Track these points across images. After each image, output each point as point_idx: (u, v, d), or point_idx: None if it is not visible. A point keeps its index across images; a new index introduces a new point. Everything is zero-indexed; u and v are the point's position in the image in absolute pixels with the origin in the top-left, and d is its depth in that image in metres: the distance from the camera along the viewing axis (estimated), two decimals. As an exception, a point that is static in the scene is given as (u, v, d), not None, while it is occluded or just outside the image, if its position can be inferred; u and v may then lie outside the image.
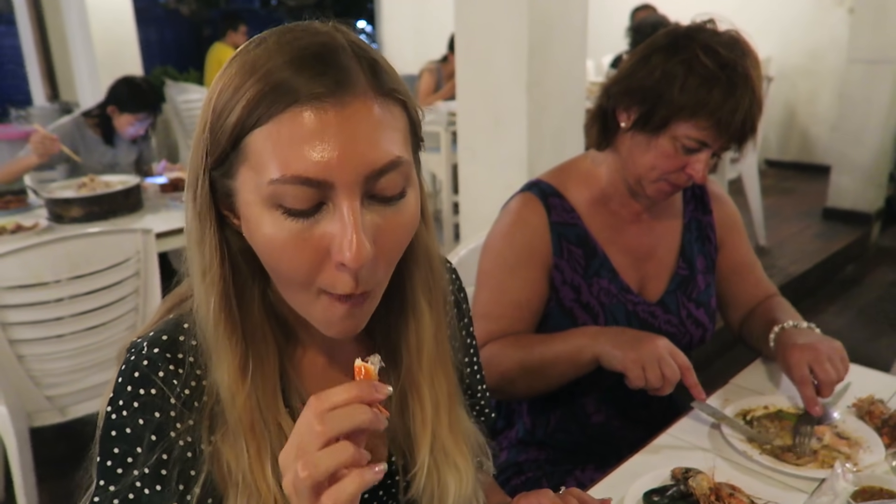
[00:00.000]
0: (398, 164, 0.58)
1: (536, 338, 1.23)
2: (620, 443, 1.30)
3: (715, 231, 1.35)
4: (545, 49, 2.08)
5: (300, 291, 0.61)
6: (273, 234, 0.57)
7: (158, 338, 0.66)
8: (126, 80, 2.93)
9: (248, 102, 0.56)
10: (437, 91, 4.52)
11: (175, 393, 0.64)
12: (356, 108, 0.56)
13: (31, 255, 1.74)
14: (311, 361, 0.73)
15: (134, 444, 0.64)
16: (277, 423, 0.65)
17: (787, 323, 1.22)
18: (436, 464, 0.72)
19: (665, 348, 1.06)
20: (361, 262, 0.56)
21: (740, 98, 1.09)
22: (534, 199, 1.26)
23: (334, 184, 0.55)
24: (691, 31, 1.15)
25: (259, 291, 0.66)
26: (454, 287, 0.87)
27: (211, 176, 0.61)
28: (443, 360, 0.73)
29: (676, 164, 1.16)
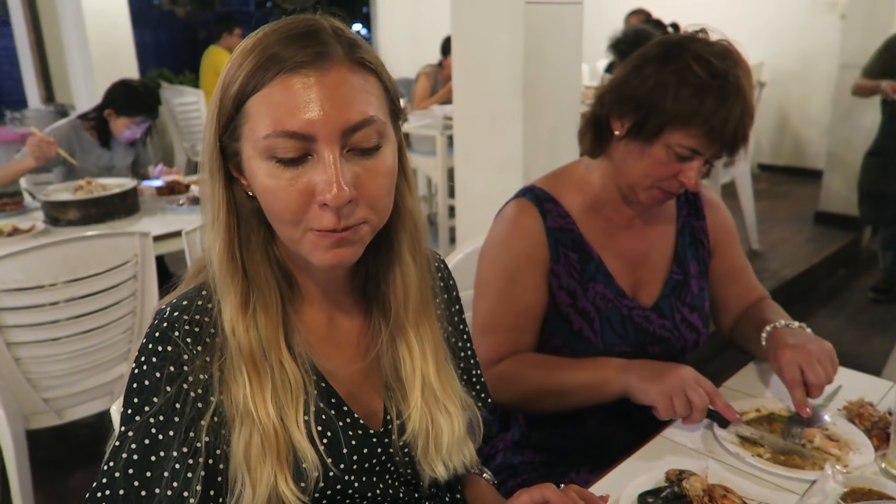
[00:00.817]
0: (372, 121, 0.69)
1: (558, 362, 1.24)
2: (615, 446, 1.30)
3: (708, 236, 1.37)
4: (541, 53, 2.10)
5: (291, 229, 0.70)
6: (268, 182, 0.68)
7: (179, 303, 0.76)
8: (123, 83, 2.92)
9: (247, 73, 0.68)
10: (434, 95, 4.53)
11: (189, 349, 0.73)
12: (334, 75, 0.67)
13: (28, 258, 1.74)
14: (314, 312, 0.82)
15: (151, 394, 0.72)
16: (279, 361, 0.74)
17: (779, 322, 1.23)
18: (427, 406, 0.82)
19: (690, 376, 1.08)
20: (341, 201, 0.66)
21: (732, 107, 1.11)
22: (529, 205, 1.28)
23: (316, 137, 0.66)
24: (683, 41, 1.16)
25: (262, 242, 0.76)
26: (443, 275, 0.96)
27: (221, 141, 0.72)
28: (427, 310, 0.84)
29: (669, 171, 1.17)
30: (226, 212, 0.73)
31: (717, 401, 1.08)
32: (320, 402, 0.78)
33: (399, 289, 0.81)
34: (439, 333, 0.86)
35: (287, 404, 0.73)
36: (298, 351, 0.76)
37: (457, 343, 0.95)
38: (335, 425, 0.79)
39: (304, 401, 0.75)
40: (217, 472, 0.73)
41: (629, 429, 1.31)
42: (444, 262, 0.99)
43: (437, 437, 0.83)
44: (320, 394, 0.78)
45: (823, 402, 1.17)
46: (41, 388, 1.88)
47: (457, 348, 0.95)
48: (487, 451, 1.39)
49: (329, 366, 0.81)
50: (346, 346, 0.84)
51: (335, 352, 0.83)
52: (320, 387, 0.79)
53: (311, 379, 0.77)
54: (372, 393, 0.84)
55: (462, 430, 0.85)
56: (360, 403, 0.83)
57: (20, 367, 1.82)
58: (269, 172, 0.68)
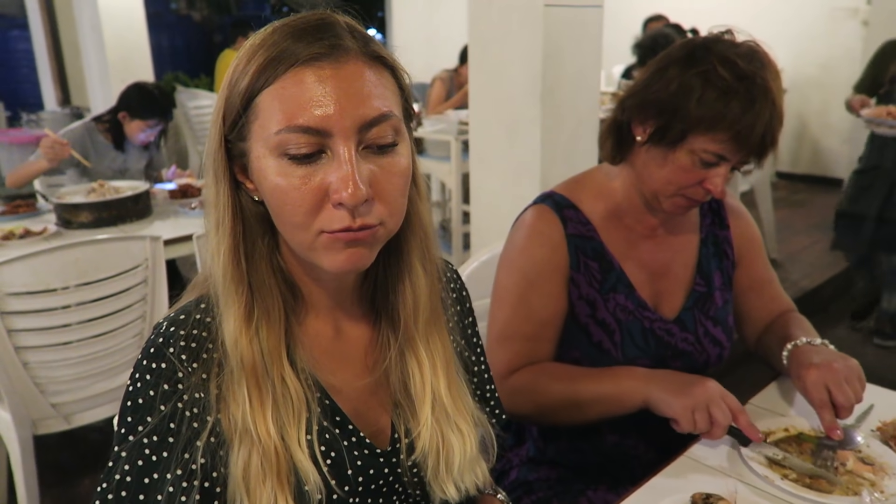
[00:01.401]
0: (388, 117, 0.66)
1: (578, 371, 1.20)
2: (634, 463, 1.27)
3: (732, 246, 1.32)
4: (560, 57, 2.06)
5: (302, 232, 0.66)
6: (279, 181, 0.65)
7: (177, 317, 0.72)
8: (138, 85, 2.92)
9: (257, 69, 0.65)
10: (448, 100, 4.50)
11: (185, 366, 0.69)
12: (350, 69, 0.65)
13: (38, 262, 1.72)
14: (319, 325, 0.78)
15: (145, 413, 0.68)
16: (281, 377, 0.70)
17: (801, 339, 1.19)
18: (437, 423, 0.78)
19: (716, 391, 1.04)
20: (357, 200, 0.63)
21: (759, 110, 1.06)
22: (549, 211, 1.24)
23: (332, 132, 0.63)
24: (708, 43, 1.12)
25: (267, 251, 0.72)
26: (456, 286, 0.92)
27: (227, 143, 0.68)
28: (437, 322, 0.79)
29: (694, 178, 1.13)
30: (231, 216, 0.69)
31: (741, 419, 1.03)
32: (324, 421, 0.74)
33: (408, 299, 0.77)
34: (450, 346, 0.82)
35: (288, 422, 0.70)
36: (301, 366, 0.73)
37: (469, 357, 0.91)
38: (340, 444, 0.75)
39: (306, 419, 0.71)
40: (214, 496, 0.69)
41: (649, 444, 1.27)
42: (457, 273, 0.95)
43: (449, 456, 0.79)
44: (324, 411, 0.74)
45: (855, 422, 1.12)
46: (49, 393, 1.85)
47: (470, 362, 0.90)
48: (501, 467, 1.35)
49: (334, 381, 0.77)
50: (352, 361, 0.80)
51: (340, 366, 0.79)
52: (324, 404, 0.75)
53: (315, 395, 0.73)
54: (379, 410, 0.80)
55: (474, 449, 0.81)
56: (367, 421, 0.79)
57: (28, 371, 1.80)
58: (280, 171, 0.65)
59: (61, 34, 5.95)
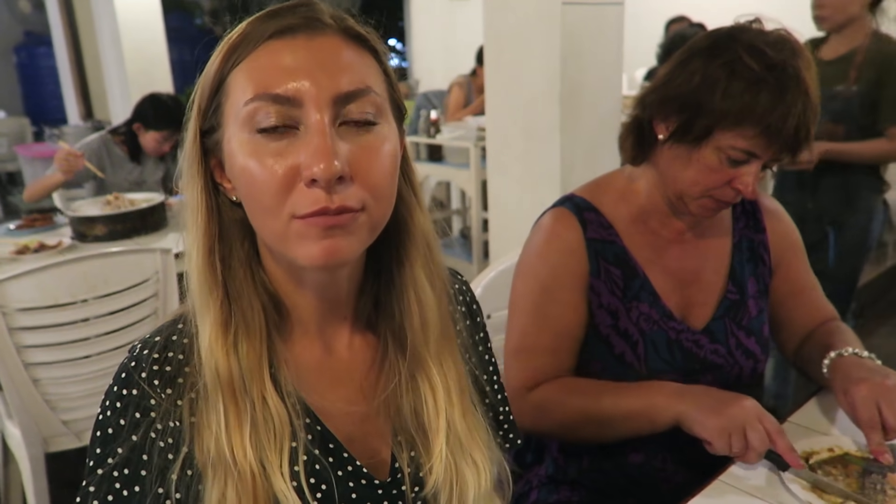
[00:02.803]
0: (367, 91, 0.61)
1: (604, 386, 1.12)
2: (662, 486, 1.19)
3: (769, 251, 1.23)
4: (579, 57, 1.99)
5: (273, 218, 0.60)
6: (247, 159, 0.59)
7: (151, 339, 0.67)
8: (152, 97, 2.91)
9: (227, 50, 0.61)
10: (467, 106, 4.45)
11: (157, 392, 0.63)
12: (326, 41, 0.60)
13: (46, 276, 1.69)
14: (306, 343, 0.71)
15: (115, 444, 0.63)
16: (262, 396, 0.63)
17: (846, 350, 1.10)
18: (452, 455, 0.70)
19: (753, 412, 0.96)
20: (330, 173, 0.56)
21: (791, 102, 0.98)
22: (568, 214, 1.17)
23: (304, 102, 0.58)
24: (734, 32, 1.05)
25: (246, 258, 0.67)
26: (466, 298, 0.85)
27: (202, 137, 0.64)
28: (449, 343, 0.72)
29: (722, 178, 1.05)
30: (206, 215, 0.64)
31: (780, 442, 0.95)
32: (314, 448, 0.66)
33: (416, 317, 0.70)
34: (463, 369, 0.74)
35: (270, 448, 0.62)
36: (287, 388, 0.65)
37: (482, 376, 0.83)
38: (331, 475, 0.67)
39: (291, 447, 0.63)
40: None
41: (678, 464, 1.19)
42: (467, 284, 0.87)
43: (463, 492, 0.71)
44: (314, 438, 0.67)
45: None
46: (60, 410, 1.82)
47: (482, 382, 0.82)
48: (520, 489, 1.27)
49: (325, 405, 0.69)
50: (346, 383, 0.72)
51: (332, 389, 0.71)
52: (314, 430, 0.67)
53: (303, 421, 0.66)
54: (377, 438, 0.72)
55: (490, 483, 0.72)
56: (364, 449, 0.71)
57: (39, 388, 1.76)
58: (250, 148, 0.59)
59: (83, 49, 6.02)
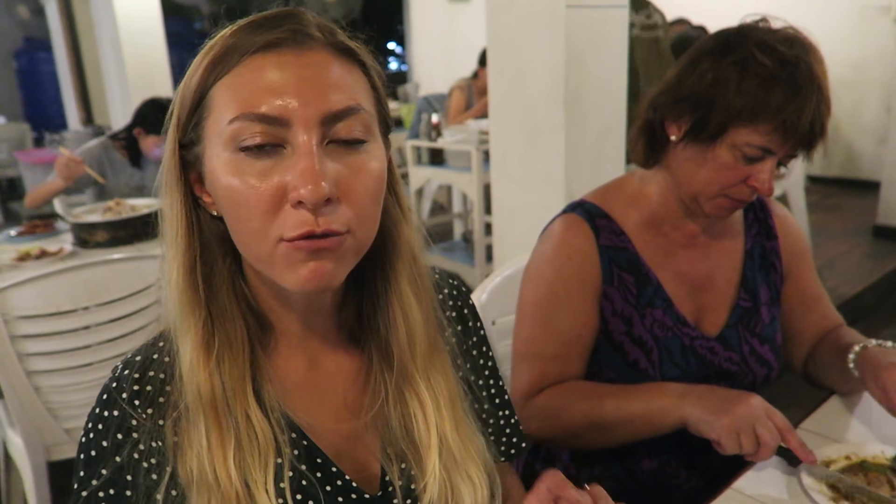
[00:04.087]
0: (356, 110, 0.59)
1: (606, 389, 1.10)
2: (675, 493, 1.17)
3: (781, 259, 1.22)
4: (583, 60, 1.97)
5: (259, 241, 0.58)
6: (232, 180, 0.57)
7: (133, 358, 0.66)
8: (152, 101, 2.90)
9: (210, 61, 0.59)
10: (468, 109, 4.43)
11: (138, 412, 0.62)
12: (314, 57, 0.58)
13: (47, 284, 1.67)
14: (290, 356, 0.69)
15: (98, 466, 0.62)
16: (246, 415, 0.62)
17: (870, 342, 1.09)
18: (446, 471, 0.68)
19: (761, 408, 0.94)
20: (318, 196, 0.55)
21: (806, 97, 0.97)
22: (579, 221, 1.15)
23: (291, 122, 0.56)
24: (744, 30, 1.04)
25: (229, 275, 0.65)
26: (458, 302, 0.82)
27: (181, 150, 0.62)
28: (438, 355, 0.71)
29: (737, 175, 1.04)
30: (186, 231, 0.62)
31: (791, 439, 0.93)
32: (301, 464, 0.64)
33: (401, 332, 0.68)
34: (454, 380, 0.72)
35: (254, 466, 0.60)
36: (270, 404, 0.64)
37: (476, 381, 0.80)
38: (319, 492, 0.65)
39: (276, 463, 0.62)
40: None
41: (691, 471, 1.17)
42: (462, 288, 0.84)
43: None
44: (300, 454, 0.65)
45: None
46: (62, 418, 1.80)
47: (476, 387, 0.80)
48: (531, 497, 1.25)
49: (311, 420, 0.68)
50: (331, 398, 0.70)
51: (317, 404, 0.69)
52: (300, 445, 0.66)
53: (289, 437, 0.64)
54: (366, 453, 0.71)
55: (485, 497, 0.71)
56: (352, 464, 0.69)
57: (40, 396, 1.74)
58: (234, 168, 0.57)
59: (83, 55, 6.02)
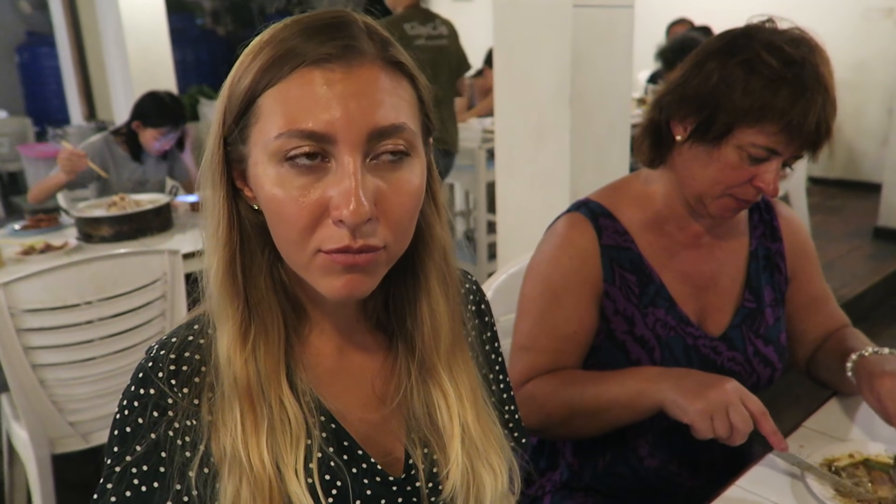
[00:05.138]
0: (402, 129, 0.60)
1: (587, 376, 1.12)
2: (678, 490, 1.18)
3: (785, 260, 1.22)
4: (589, 60, 1.98)
5: (298, 251, 0.61)
6: (276, 192, 0.59)
7: (168, 340, 0.67)
8: (150, 94, 2.90)
9: (261, 66, 0.59)
10: (470, 108, 4.44)
11: (175, 391, 0.64)
12: (363, 72, 0.59)
13: (54, 277, 1.68)
14: (321, 344, 0.72)
15: (132, 442, 0.64)
16: (279, 400, 0.64)
17: (867, 349, 1.09)
18: (468, 458, 0.71)
19: (735, 393, 0.94)
20: (359, 218, 0.57)
21: (812, 98, 0.98)
22: (583, 220, 1.16)
23: (337, 139, 0.57)
24: (750, 31, 1.04)
25: (267, 265, 0.67)
26: (476, 297, 0.85)
27: (226, 147, 0.63)
28: (461, 350, 0.73)
29: (743, 176, 1.04)
30: (227, 225, 0.64)
31: (764, 424, 0.94)
32: (329, 447, 0.66)
33: (427, 327, 0.70)
34: (475, 372, 0.75)
35: (285, 449, 0.63)
36: (302, 388, 0.66)
37: (487, 375, 0.83)
38: (345, 473, 0.67)
39: (306, 446, 0.64)
40: None
41: (694, 470, 1.18)
42: (477, 284, 0.87)
43: (480, 494, 0.71)
44: (329, 436, 0.67)
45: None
46: (67, 412, 1.81)
47: (489, 380, 0.83)
48: (533, 494, 1.26)
49: (339, 405, 0.70)
50: (358, 386, 0.73)
51: (345, 389, 0.72)
52: (329, 428, 0.68)
53: (318, 420, 0.66)
54: (391, 438, 0.73)
55: (505, 485, 0.73)
56: (378, 448, 0.72)
57: (46, 389, 1.75)
58: (278, 180, 0.59)
59: (87, 50, 6.01)
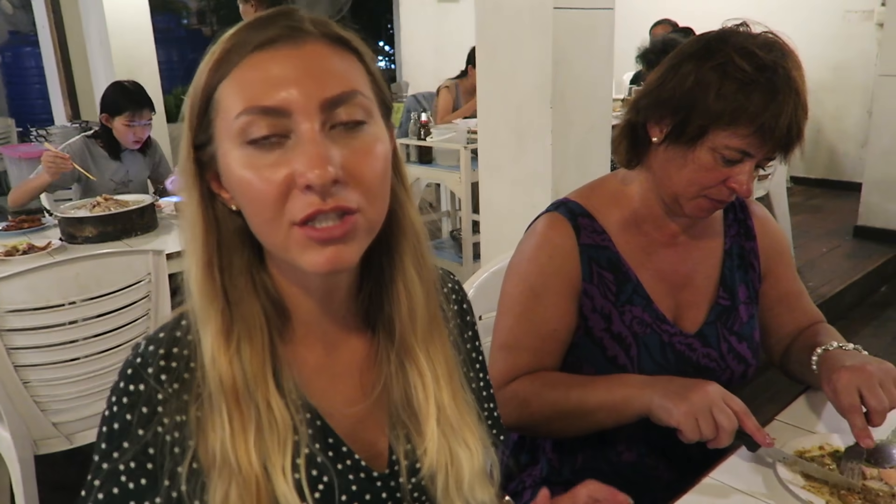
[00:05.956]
0: (354, 94, 0.62)
1: (573, 379, 1.14)
2: (655, 484, 1.21)
3: (759, 258, 1.25)
4: (570, 62, 2.00)
5: (274, 228, 0.62)
6: (244, 172, 0.61)
7: (156, 335, 0.68)
8: (112, 84, 2.88)
9: (214, 62, 0.63)
10: (456, 109, 4.46)
11: (164, 387, 0.65)
12: (308, 48, 0.62)
13: (37, 278, 1.68)
14: (308, 343, 0.73)
15: (120, 439, 0.65)
16: (266, 401, 0.65)
17: (832, 344, 1.12)
18: (444, 437, 0.73)
19: (717, 394, 0.97)
20: (325, 179, 0.58)
21: (783, 102, 1.01)
22: (561, 220, 1.18)
23: (293, 112, 0.60)
24: (724, 35, 1.07)
25: (247, 266, 0.68)
26: (458, 297, 0.87)
27: (196, 151, 0.65)
28: (437, 329, 0.75)
29: (717, 177, 1.07)
30: (203, 228, 0.65)
31: (748, 422, 0.96)
32: (315, 444, 0.68)
33: (404, 307, 0.72)
34: (452, 354, 0.76)
35: (273, 450, 0.64)
36: (288, 388, 0.67)
37: (468, 373, 0.85)
38: (331, 470, 0.69)
39: (293, 444, 0.65)
40: None
41: (670, 463, 1.20)
42: (460, 284, 0.89)
43: (458, 472, 0.73)
44: (315, 433, 0.69)
45: (892, 436, 1.05)
46: (51, 412, 1.81)
47: (468, 378, 0.84)
48: (513, 488, 1.29)
49: (325, 403, 0.72)
50: (346, 380, 0.75)
51: (333, 386, 0.73)
52: (315, 425, 0.69)
53: (304, 417, 0.68)
54: (375, 431, 0.75)
55: (482, 462, 0.75)
56: (362, 443, 0.73)
57: (29, 390, 1.75)
58: (244, 161, 0.61)
59: (71, 50, 5.97)
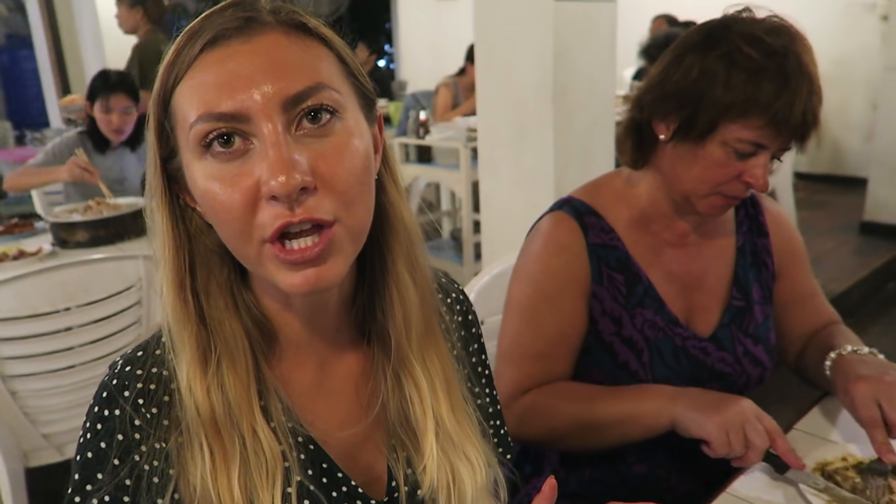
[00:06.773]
0: (318, 89, 0.55)
1: (596, 391, 1.08)
2: (666, 497, 1.15)
3: (772, 256, 1.20)
4: (572, 56, 1.95)
5: (244, 243, 0.56)
6: (207, 184, 0.55)
7: (134, 354, 0.64)
8: (99, 72, 2.85)
9: (167, 66, 0.56)
10: (456, 107, 4.40)
11: (141, 412, 0.60)
12: (264, 41, 0.55)
13: (25, 285, 1.64)
14: (299, 362, 0.67)
15: (95, 468, 0.60)
16: (252, 429, 0.60)
17: (845, 348, 1.07)
18: (444, 453, 0.68)
19: (752, 411, 0.93)
20: (290, 187, 0.52)
21: (796, 88, 0.95)
22: (568, 219, 1.12)
23: (251, 116, 0.54)
24: (727, 22, 1.01)
25: (226, 284, 0.63)
26: (463, 307, 0.82)
27: (164, 163, 0.60)
28: (433, 338, 0.70)
29: (730, 172, 1.01)
30: (173, 246, 0.60)
31: (780, 443, 0.92)
32: (307, 471, 0.63)
33: (398, 314, 0.67)
34: (450, 364, 0.71)
35: (260, 485, 0.58)
36: (276, 413, 0.62)
37: (473, 388, 0.79)
38: (323, 501, 0.63)
39: (283, 472, 0.60)
40: None
41: (682, 475, 1.15)
42: (465, 294, 0.83)
43: (461, 490, 0.68)
44: (307, 459, 0.63)
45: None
46: (40, 423, 1.76)
47: (472, 394, 0.78)
48: (518, 500, 1.23)
49: (319, 426, 0.66)
50: (340, 400, 0.69)
51: (327, 408, 0.68)
52: (308, 450, 0.64)
53: (295, 441, 0.62)
54: (374, 453, 0.70)
55: (485, 478, 0.70)
56: (359, 467, 0.68)
57: (17, 401, 1.71)
58: (207, 173, 0.55)
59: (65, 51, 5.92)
